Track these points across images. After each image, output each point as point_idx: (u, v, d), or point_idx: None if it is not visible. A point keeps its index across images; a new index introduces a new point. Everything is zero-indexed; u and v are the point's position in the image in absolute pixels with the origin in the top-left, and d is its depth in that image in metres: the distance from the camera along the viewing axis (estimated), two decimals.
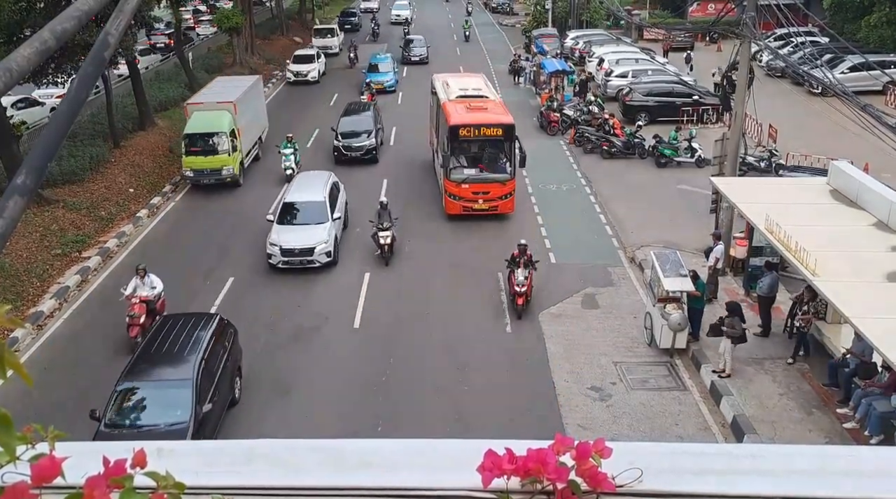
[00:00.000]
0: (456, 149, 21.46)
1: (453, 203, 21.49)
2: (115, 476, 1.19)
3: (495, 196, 21.31)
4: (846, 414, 12.96)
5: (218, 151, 24.37)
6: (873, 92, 27.99)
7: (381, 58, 40.13)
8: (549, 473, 1.31)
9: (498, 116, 21.82)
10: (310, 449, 1.54)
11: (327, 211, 19.62)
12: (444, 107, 22.67)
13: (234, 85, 28.16)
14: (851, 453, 1.53)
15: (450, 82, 25.44)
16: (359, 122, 27.73)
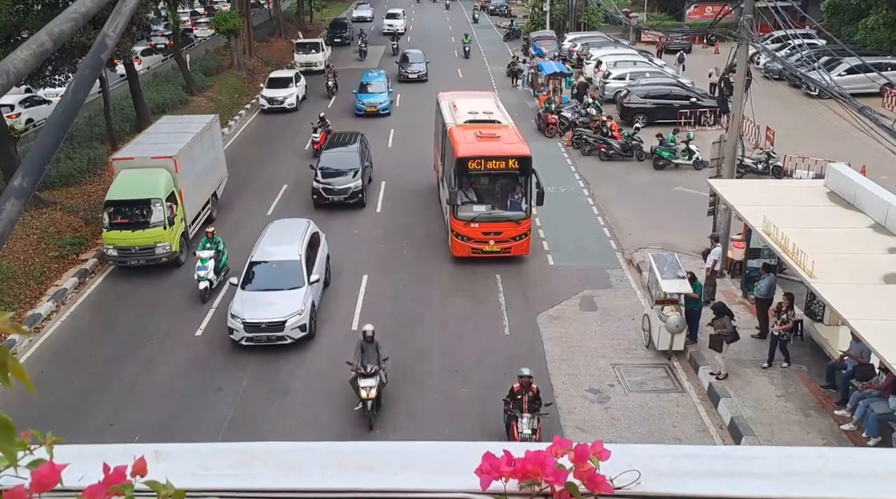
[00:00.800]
0: (464, 183, 19.01)
1: (461, 244, 18.91)
2: (115, 484, 1.19)
3: (508, 237, 18.76)
4: (844, 416, 12.97)
5: (150, 222, 18.85)
6: (870, 94, 28.03)
7: (374, 76, 36.06)
8: (548, 475, 1.31)
9: (512, 147, 19.18)
10: (308, 451, 1.54)
11: (303, 272, 16.28)
12: (451, 134, 20.14)
13: (180, 130, 22.49)
14: (849, 455, 1.53)
15: (457, 104, 22.69)
16: (343, 159, 23.73)
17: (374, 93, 34.43)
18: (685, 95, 30.97)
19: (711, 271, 17.12)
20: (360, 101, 34.13)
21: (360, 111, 33.88)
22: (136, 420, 13.54)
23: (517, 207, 18.94)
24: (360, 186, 23.18)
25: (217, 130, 24.23)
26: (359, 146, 24.67)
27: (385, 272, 19.15)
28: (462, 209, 18.88)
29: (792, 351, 15.09)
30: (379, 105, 34.12)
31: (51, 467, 1.18)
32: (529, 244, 19.10)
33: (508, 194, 19.17)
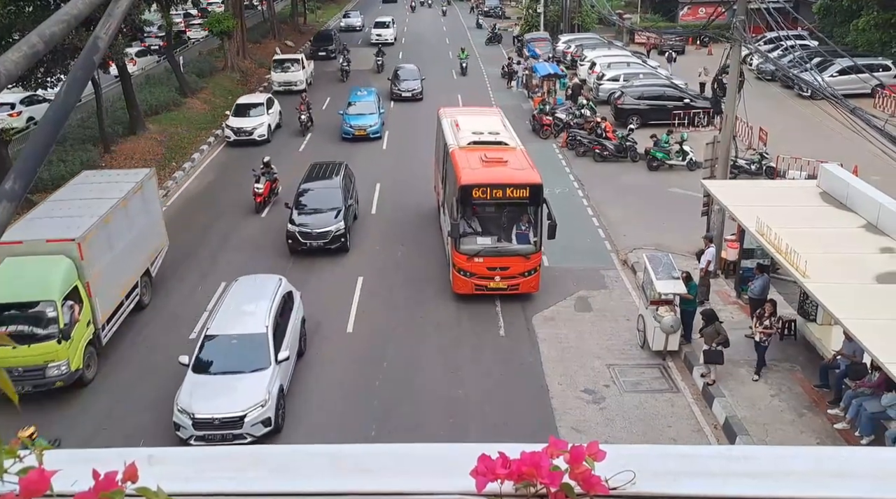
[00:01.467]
0: (468, 213, 17.21)
1: (463, 280, 17.17)
2: (106, 490, 1.18)
3: (516, 273, 16.96)
4: (837, 415, 13.02)
5: (38, 335, 13.67)
6: (862, 95, 28.13)
7: (363, 94, 32.21)
8: (543, 477, 1.31)
9: (522, 174, 17.28)
10: (304, 454, 1.54)
11: (269, 349, 13.16)
12: (454, 157, 18.23)
13: (97, 194, 17.05)
14: (842, 454, 1.53)
15: (460, 122, 20.67)
16: (323, 196, 20.47)
17: (363, 114, 30.57)
18: (679, 96, 31.06)
19: (705, 272, 17.16)
20: (348, 124, 30.30)
21: (347, 135, 30.20)
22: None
23: (526, 240, 17.15)
24: (343, 229, 19.81)
25: (152, 187, 18.85)
26: (342, 180, 21.25)
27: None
28: (465, 242, 17.06)
29: (785, 350, 15.16)
30: (369, 128, 30.24)
31: (40, 473, 1.17)
32: (539, 281, 17.36)
33: (516, 226, 17.36)
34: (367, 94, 32.38)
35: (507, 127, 21.21)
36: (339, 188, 20.84)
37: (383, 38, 53.16)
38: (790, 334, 15.48)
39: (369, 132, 30.34)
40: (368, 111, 30.85)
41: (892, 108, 29.73)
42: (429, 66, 42.34)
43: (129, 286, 16.72)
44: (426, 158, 24.80)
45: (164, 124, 30.77)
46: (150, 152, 27.84)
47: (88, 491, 1.18)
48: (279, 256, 20.04)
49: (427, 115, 29.11)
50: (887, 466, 1.49)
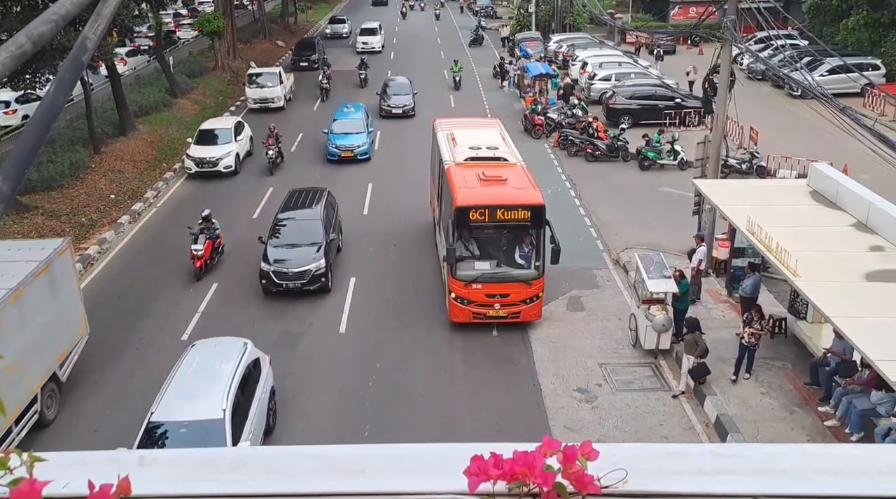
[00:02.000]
0: (465, 236, 15.99)
1: (460, 308, 15.93)
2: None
3: (517, 300, 15.81)
4: (827, 412, 13.10)
5: None
6: (851, 94, 28.29)
7: (350, 111, 29.03)
8: (536, 477, 1.31)
9: (523, 194, 16.07)
10: (296, 455, 1.53)
11: (226, 438, 10.89)
12: (449, 174, 17.01)
13: None
14: (832, 451, 1.54)
15: (456, 135, 19.41)
16: (301, 229, 18.21)
17: (349, 133, 27.74)
18: (670, 96, 31.16)
19: (697, 271, 17.22)
20: (333, 144, 27.39)
21: (332, 156, 27.36)
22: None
23: (528, 265, 16.03)
24: (324, 267, 17.55)
25: (66, 264, 14.31)
26: (322, 210, 18.88)
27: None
28: (462, 267, 15.80)
29: (776, 349, 15.23)
30: (356, 149, 27.38)
31: (31, 484, 1.17)
32: (541, 308, 16.29)
33: (517, 249, 16.21)
34: (355, 110, 29.27)
35: (507, 141, 19.81)
36: (320, 220, 18.43)
37: (370, 46, 49.57)
38: (781, 332, 15.56)
39: (357, 154, 27.42)
40: (356, 130, 27.94)
41: (881, 108, 29.92)
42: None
43: (25, 400, 12.53)
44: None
45: (155, 125, 30.63)
46: (140, 153, 27.72)
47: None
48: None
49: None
50: (875, 462, 1.50)
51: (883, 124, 19.06)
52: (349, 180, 25.74)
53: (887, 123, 23.70)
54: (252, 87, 35.43)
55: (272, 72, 36.80)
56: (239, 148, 27.15)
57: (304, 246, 17.82)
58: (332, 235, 18.72)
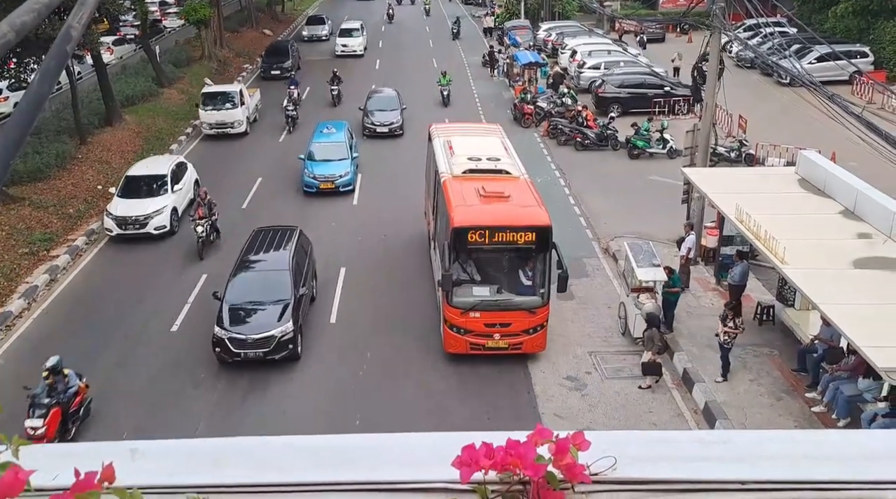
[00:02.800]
0: (463, 259, 14.44)
1: (456, 338, 14.46)
2: (82, 491, 1.18)
3: (519, 329, 14.33)
4: (814, 398, 13.22)
5: None
6: (840, 82, 28.40)
7: (330, 133, 24.63)
8: (526, 468, 1.32)
9: (527, 213, 14.47)
10: (287, 446, 1.54)
11: None
12: (446, 189, 15.47)
13: None
14: (819, 436, 1.56)
15: (454, 144, 17.76)
16: (266, 283, 15.08)
17: (330, 159, 23.51)
18: (659, 84, 31.18)
19: (686, 259, 17.30)
20: (310, 173, 23.22)
21: (309, 188, 23.27)
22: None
23: (531, 292, 14.56)
24: (292, 330, 14.42)
25: None
26: (292, 257, 15.74)
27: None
28: (459, 293, 14.29)
29: (764, 335, 15.34)
30: (338, 179, 23.15)
31: (15, 474, 1.16)
32: (546, 338, 14.82)
33: (520, 274, 14.82)
34: (336, 131, 24.87)
35: (510, 150, 18.02)
36: (288, 270, 15.28)
37: (350, 49, 43.90)
38: (769, 320, 15.67)
39: (338, 185, 23.15)
40: (338, 156, 23.65)
41: (869, 95, 30.06)
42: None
43: None
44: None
45: (142, 115, 30.39)
46: (127, 144, 27.53)
47: (65, 493, 1.17)
48: None
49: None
50: (862, 448, 1.52)
51: (871, 112, 19.16)
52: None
53: (875, 111, 23.81)
54: (207, 108, 28.95)
55: (231, 90, 30.28)
56: (178, 200, 21.07)
57: (269, 305, 14.67)
58: (302, 289, 15.33)
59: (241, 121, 29.20)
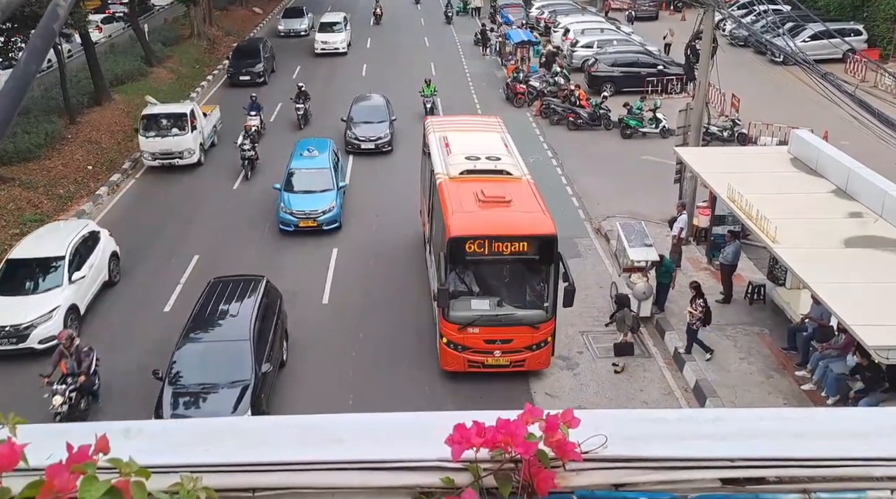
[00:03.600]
0: (460, 271, 13.42)
1: (453, 355, 13.39)
2: (78, 463, 1.18)
3: (521, 346, 13.25)
4: (804, 377, 13.34)
5: None
6: (833, 60, 28.36)
7: (311, 156, 20.37)
8: (517, 446, 1.33)
9: (530, 220, 13.40)
10: (277, 426, 1.54)
11: None
12: (442, 192, 14.31)
13: None
14: (808, 414, 1.58)
15: (451, 140, 16.45)
16: (221, 357, 12.15)
17: (311, 190, 19.21)
18: (652, 63, 31.06)
19: (678, 239, 17.34)
20: (287, 209, 18.92)
21: (287, 227, 18.98)
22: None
23: (534, 305, 13.49)
24: None
25: None
26: (253, 320, 12.82)
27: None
28: (456, 307, 13.22)
29: (754, 314, 15.44)
30: (321, 215, 18.88)
31: (10, 447, 1.17)
32: (550, 355, 13.69)
33: (523, 286, 13.78)
34: (319, 152, 20.55)
35: (511, 148, 16.70)
36: (249, 339, 12.34)
37: (332, 46, 38.21)
38: (759, 299, 15.77)
39: (321, 222, 18.91)
40: (321, 186, 19.44)
41: (862, 74, 30.02)
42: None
43: None
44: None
45: (131, 95, 30.07)
46: (117, 124, 27.28)
47: (60, 464, 1.18)
48: None
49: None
50: (848, 425, 1.54)
51: (864, 90, 19.15)
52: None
53: (868, 89, 23.81)
54: (149, 135, 23.30)
55: (180, 111, 24.12)
56: (78, 294, 15.27)
57: (223, 388, 11.80)
58: (265, 366, 12.27)
59: (192, 149, 23.47)
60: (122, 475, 1.21)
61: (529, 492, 1.33)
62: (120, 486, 1.19)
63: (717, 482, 1.40)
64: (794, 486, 1.40)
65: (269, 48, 35.41)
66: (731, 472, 1.41)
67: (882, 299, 11.14)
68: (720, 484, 1.40)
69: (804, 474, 1.40)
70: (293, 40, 42.06)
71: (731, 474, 1.41)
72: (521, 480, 1.34)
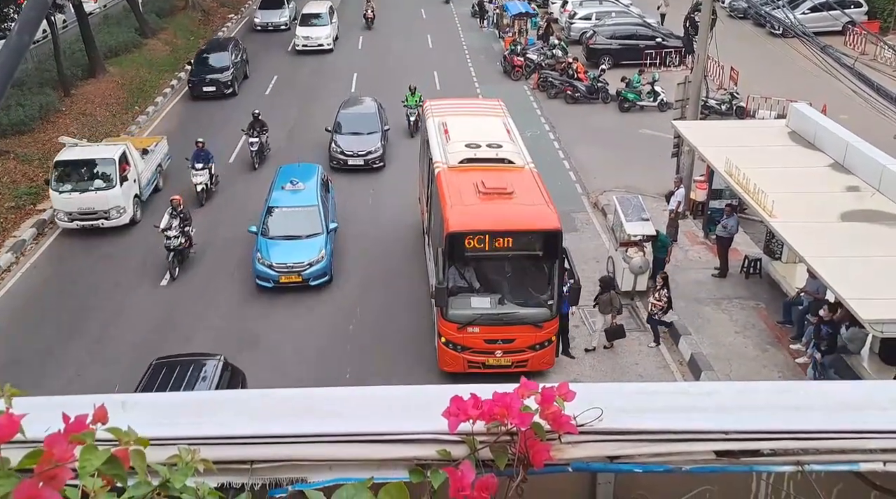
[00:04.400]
0: (459, 267, 12.78)
1: (452, 355, 12.77)
2: (76, 432, 1.19)
3: (524, 345, 12.67)
4: (799, 350, 13.43)
5: None
6: (833, 33, 28.14)
7: (296, 186, 16.85)
8: (514, 417, 1.34)
9: (533, 213, 12.72)
10: (275, 398, 1.55)
11: None
12: (440, 183, 13.64)
13: None
14: (802, 387, 1.59)
15: (450, 125, 15.71)
16: None
17: (297, 236, 15.85)
18: (651, 35, 30.79)
19: (675, 213, 17.34)
20: (265, 259, 15.60)
21: (265, 282, 15.68)
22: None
23: (538, 303, 12.82)
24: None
25: None
26: None
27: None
28: (455, 305, 12.57)
29: (750, 288, 15.50)
30: (308, 268, 15.56)
31: (9, 417, 1.17)
32: (554, 354, 13.18)
33: (525, 283, 13.13)
34: (305, 183, 16.96)
35: (514, 134, 15.89)
36: None
37: (316, 42, 32.71)
38: (755, 273, 15.82)
39: (307, 277, 15.56)
40: (308, 230, 16.00)
41: (862, 46, 29.82)
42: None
43: None
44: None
45: (125, 67, 29.79)
46: (111, 96, 27.06)
47: (58, 433, 1.18)
48: None
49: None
50: (841, 398, 1.55)
51: (863, 63, 19.04)
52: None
53: (867, 62, 23.66)
54: (63, 188, 17.89)
55: (105, 156, 18.33)
56: None
57: None
58: None
59: (120, 207, 17.92)
60: (122, 444, 1.22)
61: (525, 464, 1.35)
62: (119, 454, 1.20)
63: (712, 455, 1.42)
64: (787, 458, 1.42)
65: (241, 51, 29.40)
66: (725, 444, 1.42)
67: (878, 273, 11.18)
68: (714, 456, 1.42)
69: (798, 446, 1.41)
70: (273, 36, 35.78)
71: (726, 447, 1.42)
72: (517, 452, 1.36)
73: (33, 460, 1.15)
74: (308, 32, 32.87)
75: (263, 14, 37.30)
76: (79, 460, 1.16)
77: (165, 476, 1.24)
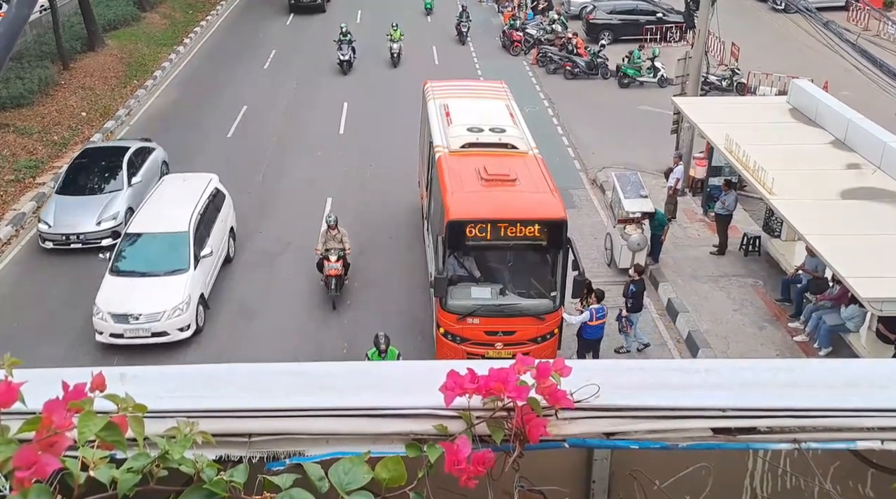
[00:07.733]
0: (459, 256, 12.37)
1: (451, 346, 12.27)
2: (75, 400, 1.19)
3: (525, 338, 12.19)
4: (797, 328, 13.48)
5: None
6: (836, 8, 27.92)
7: None
8: (510, 391, 1.34)
9: (538, 202, 12.27)
10: (272, 372, 1.55)
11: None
12: (441, 168, 13.15)
13: None
14: (800, 365, 1.59)
15: (451, 108, 15.24)
16: None
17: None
18: (651, 10, 30.51)
19: (674, 190, 17.30)
20: None
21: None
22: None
23: (540, 294, 12.41)
24: None
25: None
26: None
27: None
28: (455, 296, 12.15)
29: (748, 266, 15.51)
30: None
31: (7, 385, 1.18)
32: (556, 347, 12.60)
33: (528, 274, 12.75)
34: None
35: (517, 118, 15.45)
36: None
37: None
38: (754, 251, 15.83)
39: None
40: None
41: (865, 22, 29.57)
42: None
43: None
44: None
45: (124, 41, 29.56)
46: (110, 70, 26.89)
47: (57, 400, 1.19)
48: None
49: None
50: (839, 376, 1.55)
51: (866, 39, 18.90)
52: None
53: (870, 38, 23.48)
54: None
55: None
56: None
57: None
58: None
59: None
60: (120, 411, 1.23)
61: (521, 439, 1.35)
62: (118, 421, 1.21)
63: (709, 432, 1.42)
64: (784, 436, 1.42)
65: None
66: (722, 421, 1.43)
67: (877, 251, 11.19)
68: (711, 433, 1.42)
69: (795, 424, 1.42)
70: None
71: (723, 424, 1.42)
72: (514, 427, 1.36)
73: (32, 427, 1.16)
74: None
75: None
76: (78, 427, 1.16)
77: (164, 448, 1.24)
